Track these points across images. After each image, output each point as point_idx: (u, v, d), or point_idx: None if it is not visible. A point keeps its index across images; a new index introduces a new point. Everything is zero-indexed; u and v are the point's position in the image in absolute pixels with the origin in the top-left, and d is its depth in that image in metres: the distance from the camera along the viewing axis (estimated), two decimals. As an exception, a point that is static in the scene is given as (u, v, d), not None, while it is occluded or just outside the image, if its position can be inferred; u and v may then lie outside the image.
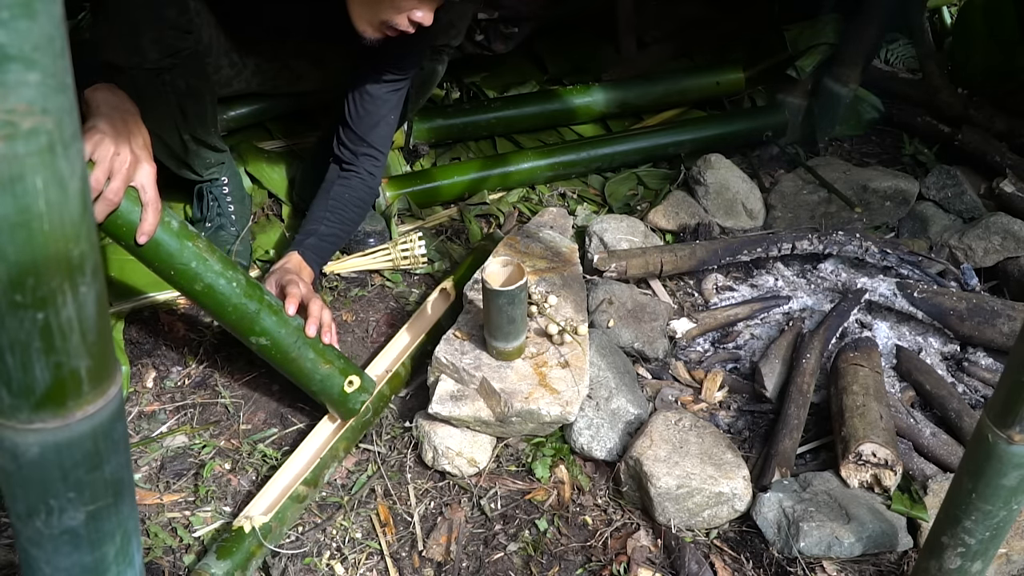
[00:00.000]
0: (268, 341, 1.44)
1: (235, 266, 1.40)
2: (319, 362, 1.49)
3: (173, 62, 1.58)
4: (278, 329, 1.44)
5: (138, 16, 1.52)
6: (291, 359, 1.47)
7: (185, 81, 1.64)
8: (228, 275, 1.37)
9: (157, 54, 1.55)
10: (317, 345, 1.49)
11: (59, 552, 0.70)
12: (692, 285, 2.04)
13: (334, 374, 1.51)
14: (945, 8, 3.09)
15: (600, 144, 2.43)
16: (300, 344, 1.47)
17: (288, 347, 1.46)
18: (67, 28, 0.53)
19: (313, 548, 1.44)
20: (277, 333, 1.44)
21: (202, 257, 1.33)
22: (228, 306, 1.38)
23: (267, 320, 1.43)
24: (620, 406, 1.61)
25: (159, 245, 1.30)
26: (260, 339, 1.43)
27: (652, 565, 1.42)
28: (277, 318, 1.44)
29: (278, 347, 1.45)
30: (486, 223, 2.23)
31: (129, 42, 1.53)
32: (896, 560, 1.44)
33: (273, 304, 1.45)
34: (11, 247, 0.55)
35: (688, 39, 2.91)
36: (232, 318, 1.40)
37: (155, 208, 1.27)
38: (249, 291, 1.40)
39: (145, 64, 1.55)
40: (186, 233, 1.32)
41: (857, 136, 2.70)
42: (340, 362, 1.53)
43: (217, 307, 1.38)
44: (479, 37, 2.67)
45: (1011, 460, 0.96)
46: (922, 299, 1.84)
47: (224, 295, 1.37)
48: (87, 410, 0.64)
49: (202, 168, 1.88)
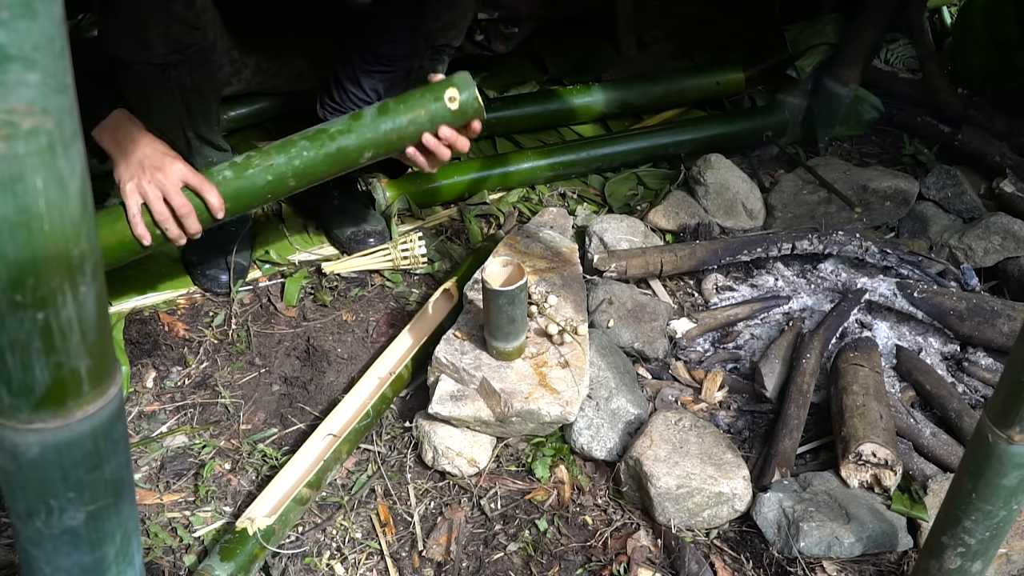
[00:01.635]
0: (371, 152, 1.49)
1: (292, 141, 1.49)
2: (411, 111, 1.49)
3: (180, 58, 1.58)
4: (364, 132, 1.48)
5: (146, 10, 1.52)
6: (398, 133, 1.50)
7: (191, 78, 1.64)
8: (297, 150, 1.46)
9: (164, 49, 1.55)
10: (394, 112, 1.50)
11: (59, 552, 0.70)
12: (692, 285, 2.04)
13: (432, 104, 1.50)
14: (945, 8, 3.09)
15: (600, 144, 2.43)
16: (389, 123, 1.49)
17: (387, 132, 1.49)
18: (67, 28, 0.53)
19: (313, 548, 1.44)
20: (367, 135, 1.48)
21: (270, 167, 1.45)
22: (323, 163, 1.47)
23: (350, 138, 1.48)
24: (620, 406, 1.61)
25: (238, 198, 1.45)
26: (365, 153, 1.48)
27: (652, 565, 1.42)
28: (353, 130, 1.49)
29: (382, 143, 1.49)
30: (486, 223, 2.23)
31: (136, 36, 1.53)
32: (896, 560, 1.44)
33: (338, 127, 1.50)
34: (11, 247, 0.55)
35: (688, 39, 2.91)
36: (336, 163, 1.47)
37: (207, 186, 1.46)
38: (318, 139, 1.48)
39: (152, 59, 1.55)
40: (242, 166, 1.45)
41: (857, 136, 2.69)
42: (424, 96, 1.50)
43: (321, 168, 1.48)
44: (479, 37, 2.67)
45: (1011, 460, 0.96)
46: (922, 299, 1.84)
47: (313, 161, 1.46)
48: (87, 410, 0.64)
49: (203, 166, 1.88)
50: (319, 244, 2.10)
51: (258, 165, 1.47)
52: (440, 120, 1.50)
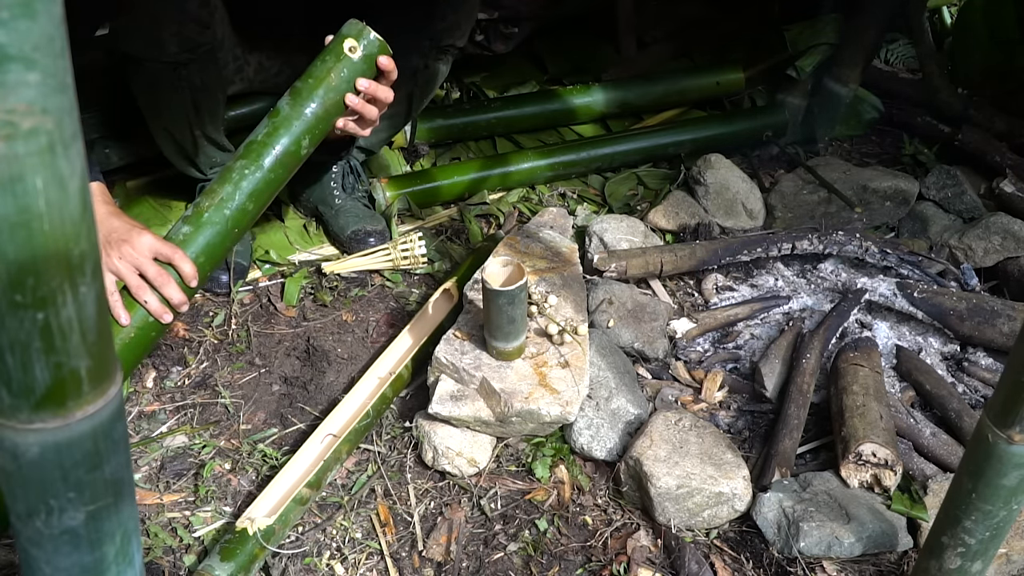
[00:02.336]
0: (307, 138, 1.45)
1: (230, 168, 1.43)
2: (321, 82, 1.44)
3: (190, 57, 1.58)
4: (291, 124, 1.44)
5: (161, 8, 1.51)
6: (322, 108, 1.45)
7: (200, 77, 1.64)
8: (238, 174, 1.42)
9: (176, 48, 1.54)
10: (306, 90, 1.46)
11: (59, 552, 0.70)
12: (692, 285, 2.04)
13: (336, 63, 1.44)
14: (945, 8, 3.09)
15: (600, 144, 2.43)
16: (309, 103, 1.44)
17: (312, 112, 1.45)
18: (67, 28, 0.53)
19: (313, 548, 1.44)
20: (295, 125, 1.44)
21: (221, 202, 1.41)
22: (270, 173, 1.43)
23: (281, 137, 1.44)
24: (620, 406, 1.61)
25: (209, 246, 1.41)
26: (303, 143, 1.45)
27: (652, 565, 1.42)
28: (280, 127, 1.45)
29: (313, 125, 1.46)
30: (486, 223, 2.23)
31: (149, 34, 1.53)
32: (896, 560, 1.44)
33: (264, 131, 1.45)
34: (11, 247, 0.55)
35: (688, 39, 2.91)
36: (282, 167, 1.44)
37: (179, 255, 1.39)
38: (251, 152, 1.43)
39: (163, 57, 1.55)
40: (195, 216, 1.41)
41: (857, 136, 2.70)
42: (325, 62, 1.45)
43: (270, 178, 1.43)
44: (479, 37, 2.67)
45: (1011, 460, 0.96)
46: (922, 299, 1.84)
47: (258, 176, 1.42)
48: (87, 410, 0.64)
49: (207, 166, 1.88)
50: (319, 244, 2.10)
51: (209, 206, 1.40)
52: (352, 75, 1.45)
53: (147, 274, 1.39)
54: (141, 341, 1.44)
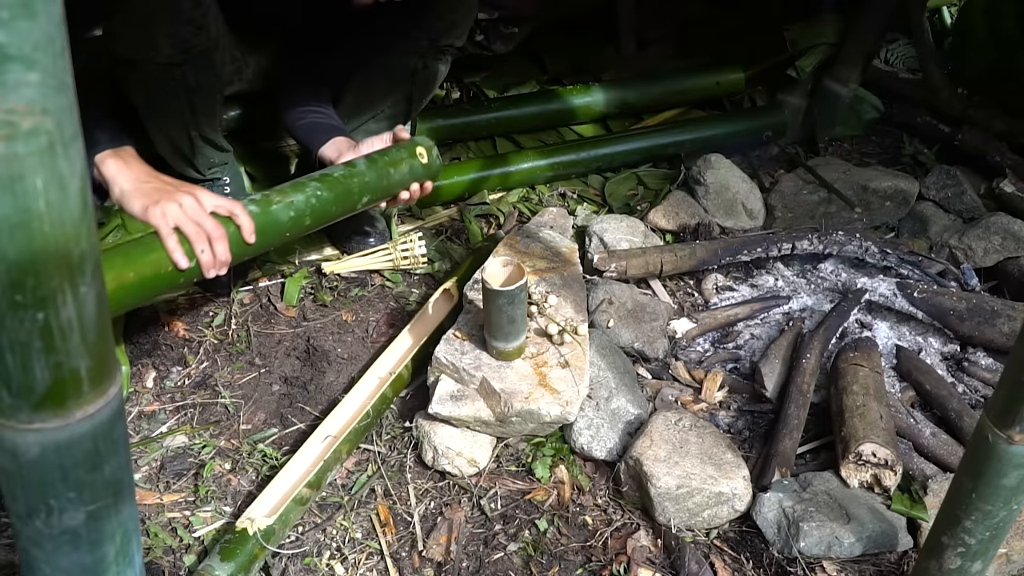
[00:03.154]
0: (368, 196, 1.63)
1: (303, 183, 1.54)
2: (394, 163, 1.67)
3: (185, 58, 1.58)
4: (363, 178, 1.61)
5: (154, 8, 1.51)
6: (387, 181, 1.66)
7: (195, 78, 1.63)
8: (311, 190, 1.51)
9: (170, 48, 1.54)
10: (380, 163, 1.66)
11: (59, 552, 0.70)
12: (692, 285, 2.04)
13: (408, 161, 1.69)
14: (945, 8, 3.09)
15: (600, 144, 2.43)
16: (379, 172, 1.64)
17: (379, 179, 1.64)
18: (67, 28, 0.53)
19: (313, 548, 1.44)
20: (366, 181, 1.62)
21: (290, 204, 1.49)
22: (334, 203, 1.55)
23: (353, 182, 1.60)
24: (620, 406, 1.61)
25: (264, 232, 1.44)
26: (364, 197, 1.62)
27: (652, 565, 1.42)
28: (354, 176, 1.61)
29: (375, 189, 1.64)
30: (486, 223, 2.23)
31: (143, 35, 1.52)
32: (896, 560, 1.44)
33: (340, 172, 1.60)
34: (11, 247, 0.55)
35: (688, 39, 2.91)
36: (343, 203, 1.58)
37: (239, 208, 1.42)
38: (326, 181, 1.56)
39: (157, 58, 1.55)
40: (264, 202, 1.46)
41: (857, 136, 2.70)
42: (401, 151, 1.69)
43: (332, 208, 1.55)
44: (479, 37, 2.67)
45: (1011, 460, 0.96)
46: (922, 299, 1.84)
47: (326, 200, 1.53)
48: (87, 410, 0.64)
49: (205, 167, 1.88)
50: (319, 244, 2.10)
51: (279, 202, 1.47)
52: (414, 170, 1.70)
53: (205, 226, 1.40)
54: (160, 281, 1.37)
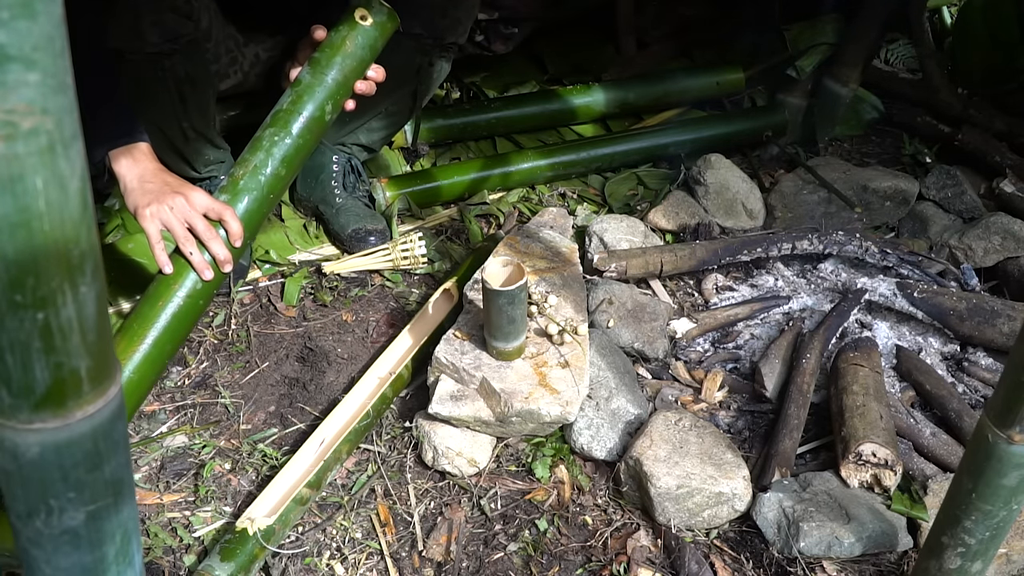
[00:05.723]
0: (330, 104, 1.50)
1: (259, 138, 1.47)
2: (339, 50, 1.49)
3: (173, 47, 1.58)
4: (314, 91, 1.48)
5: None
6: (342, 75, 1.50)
7: (185, 68, 1.63)
8: (268, 142, 1.45)
9: (157, 37, 1.54)
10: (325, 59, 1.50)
11: (59, 552, 0.70)
12: (692, 285, 2.04)
13: (352, 36, 1.49)
14: (945, 8, 3.09)
15: (600, 144, 2.43)
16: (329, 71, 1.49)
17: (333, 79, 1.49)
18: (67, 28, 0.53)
19: (313, 548, 1.44)
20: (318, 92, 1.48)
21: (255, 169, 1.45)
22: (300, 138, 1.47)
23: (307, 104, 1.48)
24: (620, 406, 1.61)
25: (248, 212, 1.44)
26: (327, 108, 1.49)
27: (652, 565, 1.42)
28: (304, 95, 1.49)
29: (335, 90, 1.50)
30: (486, 223, 2.23)
31: (130, 25, 1.53)
32: (896, 560, 1.44)
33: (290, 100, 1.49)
34: (11, 247, 0.55)
35: (688, 39, 2.91)
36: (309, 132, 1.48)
37: (228, 211, 1.42)
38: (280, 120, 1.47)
39: (145, 48, 1.55)
40: (232, 184, 1.44)
41: (857, 136, 2.69)
42: (339, 31, 1.50)
43: (300, 143, 1.47)
44: (479, 37, 2.67)
45: (1011, 460, 0.96)
46: (922, 299, 1.84)
47: (288, 142, 1.46)
48: (87, 410, 0.64)
49: (201, 165, 1.88)
50: (319, 244, 2.10)
51: (244, 174, 1.45)
52: (367, 41, 1.50)
53: (196, 228, 1.41)
54: (190, 310, 1.45)
